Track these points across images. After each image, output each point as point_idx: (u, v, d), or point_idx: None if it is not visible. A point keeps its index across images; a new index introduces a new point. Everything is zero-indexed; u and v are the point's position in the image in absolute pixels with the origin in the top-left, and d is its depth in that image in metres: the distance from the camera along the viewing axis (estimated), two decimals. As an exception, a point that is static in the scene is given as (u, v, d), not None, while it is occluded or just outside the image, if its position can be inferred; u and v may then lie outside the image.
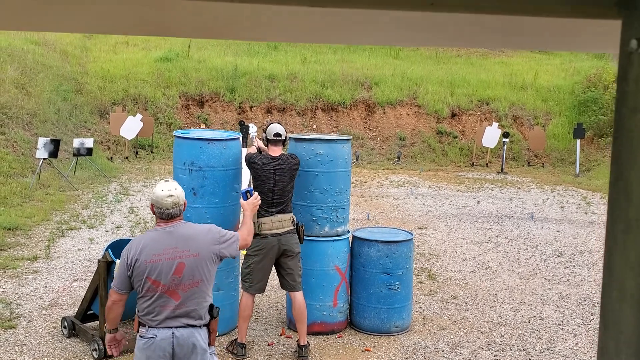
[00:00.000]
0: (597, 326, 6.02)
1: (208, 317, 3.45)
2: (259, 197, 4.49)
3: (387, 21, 0.70)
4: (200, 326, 3.41)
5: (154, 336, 3.32)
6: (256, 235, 5.04)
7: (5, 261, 7.47)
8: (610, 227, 0.58)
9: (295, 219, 5.20)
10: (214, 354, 3.52)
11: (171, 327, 3.33)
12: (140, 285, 3.34)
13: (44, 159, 12.01)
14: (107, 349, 3.64)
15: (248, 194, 4.40)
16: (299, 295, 5.18)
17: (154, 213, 3.45)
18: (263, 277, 5.11)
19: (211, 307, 3.48)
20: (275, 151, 5.17)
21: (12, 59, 15.43)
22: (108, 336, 3.60)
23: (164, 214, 3.40)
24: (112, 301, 3.45)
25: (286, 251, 5.08)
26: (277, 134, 5.17)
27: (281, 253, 5.08)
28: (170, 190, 3.41)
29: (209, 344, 3.46)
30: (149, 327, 3.35)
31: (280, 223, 5.07)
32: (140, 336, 3.38)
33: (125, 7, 0.65)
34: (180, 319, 3.35)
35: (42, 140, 12.01)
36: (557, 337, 5.84)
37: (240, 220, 5.73)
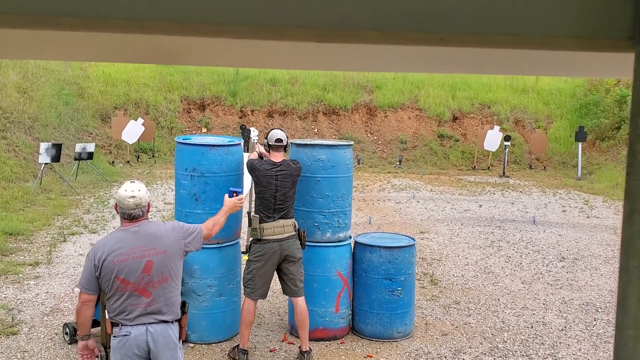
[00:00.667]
0: (601, 332, 6.02)
1: (179, 313, 3.52)
2: (243, 200, 4.52)
3: (395, 53, 0.70)
4: (172, 321, 3.46)
5: (127, 333, 3.35)
6: (258, 240, 5.05)
7: (7, 267, 7.46)
8: (624, 263, 0.57)
9: (297, 225, 5.19)
10: (181, 348, 3.58)
11: (145, 324, 3.36)
12: (109, 285, 3.35)
13: (46, 163, 12.02)
14: (80, 359, 3.53)
15: (234, 194, 4.44)
16: (301, 301, 5.17)
17: (117, 212, 3.49)
18: (265, 282, 5.10)
19: (183, 303, 3.56)
20: (277, 157, 5.16)
21: (13, 63, 15.45)
22: (80, 344, 3.48)
23: (126, 214, 3.42)
24: (81, 302, 3.42)
25: (288, 257, 5.07)
26: (279, 140, 5.17)
27: (283, 258, 5.07)
28: (133, 191, 3.43)
29: (180, 338, 3.53)
30: (122, 325, 3.37)
31: (282, 228, 5.06)
32: (114, 336, 3.39)
33: (131, 38, 0.65)
34: (152, 316, 3.39)
35: (44, 145, 12.03)
36: (560, 343, 5.82)
37: (242, 226, 5.75)
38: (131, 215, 3.42)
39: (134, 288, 3.35)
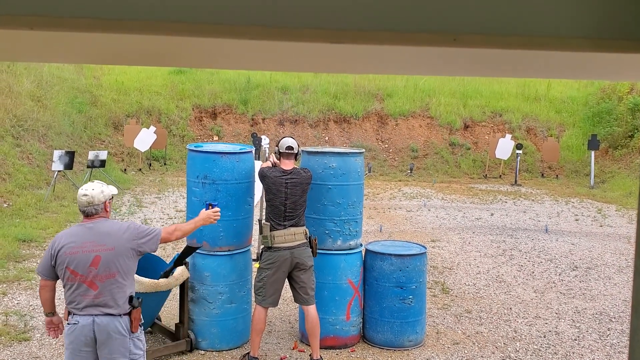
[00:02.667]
0: (614, 341, 5.95)
1: (128, 307, 3.72)
2: (219, 215, 4.42)
3: (408, 55, 0.70)
4: (119, 315, 3.69)
5: (76, 322, 3.65)
6: (269, 248, 5.05)
7: (20, 273, 7.51)
8: (639, 266, 0.56)
9: (308, 232, 5.19)
10: (139, 339, 3.80)
11: (92, 315, 3.64)
12: (62, 274, 3.68)
13: (59, 171, 12.11)
14: (47, 332, 3.97)
15: (210, 206, 4.44)
16: (311, 309, 5.16)
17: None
18: (276, 290, 5.10)
19: (131, 298, 3.75)
20: (288, 165, 5.17)
21: (28, 72, 15.62)
22: (46, 319, 3.92)
23: (81, 211, 3.75)
24: (40, 286, 3.84)
25: (299, 264, 5.07)
26: (290, 147, 5.18)
27: (294, 266, 5.07)
28: (86, 190, 3.74)
29: (132, 331, 3.74)
30: (73, 314, 3.68)
31: (293, 236, 5.06)
32: (68, 323, 3.71)
33: (139, 39, 0.66)
34: (99, 308, 3.65)
35: (57, 153, 12.13)
36: (573, 353, 5.76)
37: (253, 233, 5.76)
38: (85, 212, 3.73)
39: (82, 279, 3.63)
